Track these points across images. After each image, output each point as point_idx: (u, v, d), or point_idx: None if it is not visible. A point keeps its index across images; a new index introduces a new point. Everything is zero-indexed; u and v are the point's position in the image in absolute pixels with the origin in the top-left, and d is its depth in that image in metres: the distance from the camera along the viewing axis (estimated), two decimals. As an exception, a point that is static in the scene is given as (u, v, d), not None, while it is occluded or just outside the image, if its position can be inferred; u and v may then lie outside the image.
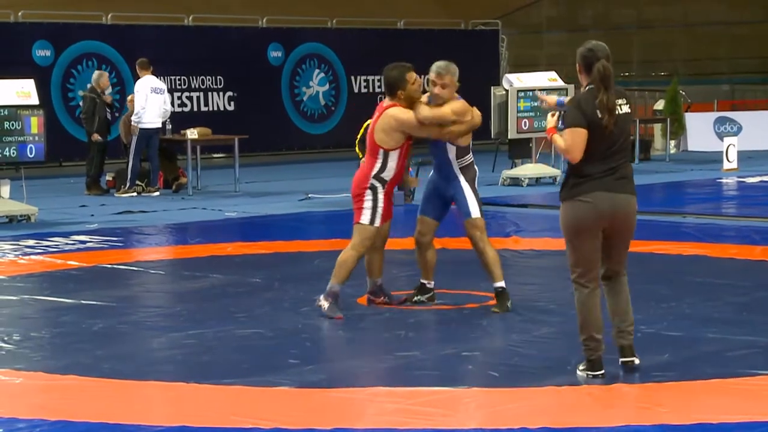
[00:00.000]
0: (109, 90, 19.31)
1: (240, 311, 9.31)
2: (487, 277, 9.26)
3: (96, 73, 19.34)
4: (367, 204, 9.13)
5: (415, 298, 9.49)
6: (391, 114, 9.07)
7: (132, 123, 18.44)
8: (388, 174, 9.14)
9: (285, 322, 8.89)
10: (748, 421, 6.30)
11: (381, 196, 9.15)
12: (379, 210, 9.15)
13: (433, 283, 9.54)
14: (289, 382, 7.11)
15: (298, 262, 11.91)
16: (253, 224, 15.16)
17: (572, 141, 7.03)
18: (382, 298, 9.45)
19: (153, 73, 18.95)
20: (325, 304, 9.03)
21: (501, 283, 9.19)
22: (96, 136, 18.51)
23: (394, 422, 6.35)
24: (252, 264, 11.79)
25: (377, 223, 9.15)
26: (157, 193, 18.49)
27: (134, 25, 24.81)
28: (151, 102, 18.49)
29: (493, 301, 9.25)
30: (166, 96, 18.96)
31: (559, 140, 7.13)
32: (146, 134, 18.45)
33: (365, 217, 9.14)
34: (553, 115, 7.33)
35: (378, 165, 9.13)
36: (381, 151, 9.11)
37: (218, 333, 8.56)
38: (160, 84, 18.97)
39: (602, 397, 6.83)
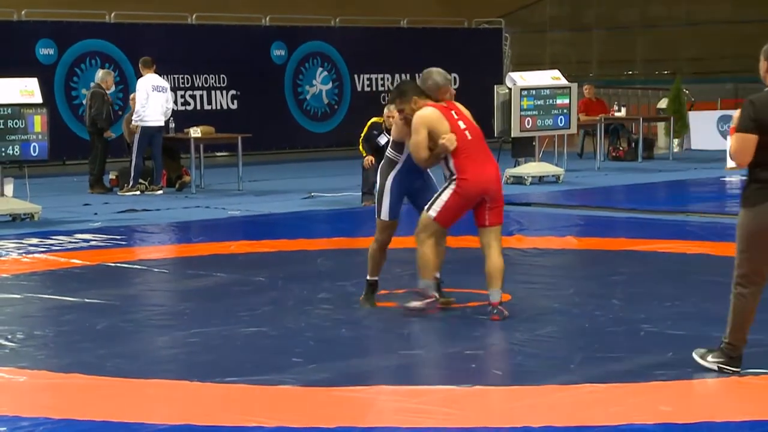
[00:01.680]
0: (112, 89, 19.32)
1: (243, 310, 9.31)
2: (370, 270, 9.36)
3: (102, 71, 19.36)
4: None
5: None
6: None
7: (132, 122, 18.47)
8: None
9: (289, 321, 8.88)
10: (751, 420, 6.30)
11: None
12: None
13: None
14: (293, 381, 7.11)
15: (301, 261, 11.91)
16: (256, 223, 15.15)
17: (738, 146, 6.87)
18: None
19: (156, 72, 18.94)
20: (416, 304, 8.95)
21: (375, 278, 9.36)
22: (109, 133, 18.67)
23: (397, 421, 6.35)
24: (255, 263, 11.79)
25: None
26: (160, 192, 18.49)
27: (137, 23, 24.81)
28: (153, 100, 18.47)
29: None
30: (169, 94, 18.94)
31: (731, 143, 6.96)
32: (149, 133, 18.44)
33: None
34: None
35: None
36: None
37: (222, 332, 8.56)
38: (162, 82, 18.94)
39: (605, 395, 6.83)
